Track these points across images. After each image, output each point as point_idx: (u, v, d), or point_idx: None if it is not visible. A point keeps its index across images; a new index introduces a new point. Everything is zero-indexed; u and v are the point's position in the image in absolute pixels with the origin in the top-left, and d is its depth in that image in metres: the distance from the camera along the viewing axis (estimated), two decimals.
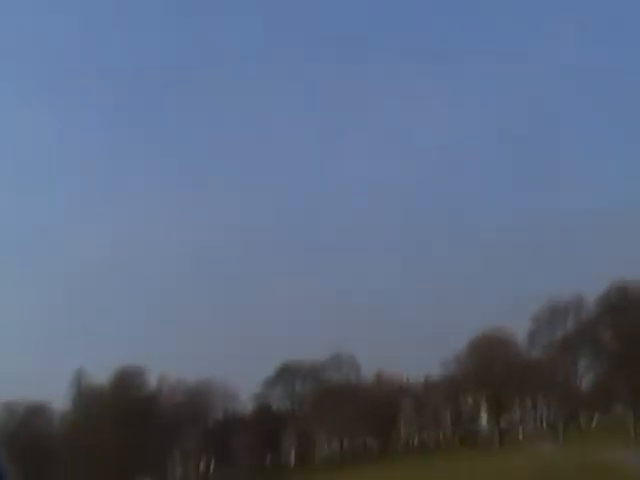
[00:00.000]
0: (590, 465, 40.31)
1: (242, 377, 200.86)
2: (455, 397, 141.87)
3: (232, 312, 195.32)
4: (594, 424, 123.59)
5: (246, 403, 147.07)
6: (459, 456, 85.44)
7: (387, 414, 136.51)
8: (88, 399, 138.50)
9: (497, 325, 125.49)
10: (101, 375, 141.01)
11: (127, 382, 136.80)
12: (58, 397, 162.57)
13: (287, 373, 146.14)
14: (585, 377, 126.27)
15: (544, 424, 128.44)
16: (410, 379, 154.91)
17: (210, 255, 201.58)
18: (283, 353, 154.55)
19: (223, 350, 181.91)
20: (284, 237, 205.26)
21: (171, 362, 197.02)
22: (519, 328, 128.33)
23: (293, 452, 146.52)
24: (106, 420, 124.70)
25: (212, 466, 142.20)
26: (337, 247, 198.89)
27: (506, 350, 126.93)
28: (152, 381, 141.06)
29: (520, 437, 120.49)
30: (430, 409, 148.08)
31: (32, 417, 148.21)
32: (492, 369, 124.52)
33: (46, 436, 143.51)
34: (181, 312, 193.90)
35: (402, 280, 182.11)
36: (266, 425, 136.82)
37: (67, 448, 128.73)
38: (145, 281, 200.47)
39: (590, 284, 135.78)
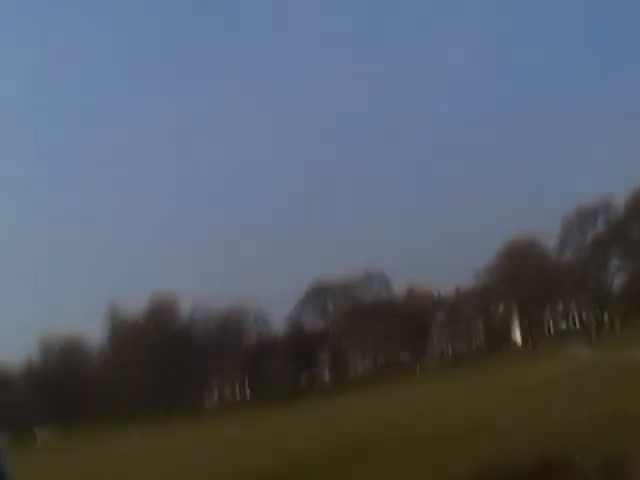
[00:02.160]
0: (625, 366, 39.76)
1: (274, 300, 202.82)
2: (487, 306, 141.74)
3: (262, 235, 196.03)
4: (627, 324, 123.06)
5: (279, 325, 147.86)
6: (493, 365, 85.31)
7: (419, 328, 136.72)
8: (123, 331, 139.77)
9: (527, 232, 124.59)
10: (135, 306, 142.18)
11: (160, 312, 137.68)
12: (93, 331, 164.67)
13: (318, 293, 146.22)
14: (617, 277, 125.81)
15: (577, 327, 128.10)
16: (441, 293, 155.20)
17: (241, 176, 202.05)
18: (314, 273, 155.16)
19: (255, 274, 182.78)
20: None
21: (204, 289, 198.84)
22: (549, 234, 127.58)
23: (327, 371, 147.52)
24: (141, 351, 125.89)
25: (248, 389, 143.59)
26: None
27: (537, 256, 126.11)
28: (185, 309, 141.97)
29: (553, 342, 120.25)
30: (462, 320, 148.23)
31: (68, 352, 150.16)
32: (523, 276, 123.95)
33: (83, 370, 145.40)
34: (212, 236, 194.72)
35: (433, 188, 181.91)
36: (300, 346, 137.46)
37: (104, 380, 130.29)
38: (172, 207, 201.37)
39: (619, 186, 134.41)
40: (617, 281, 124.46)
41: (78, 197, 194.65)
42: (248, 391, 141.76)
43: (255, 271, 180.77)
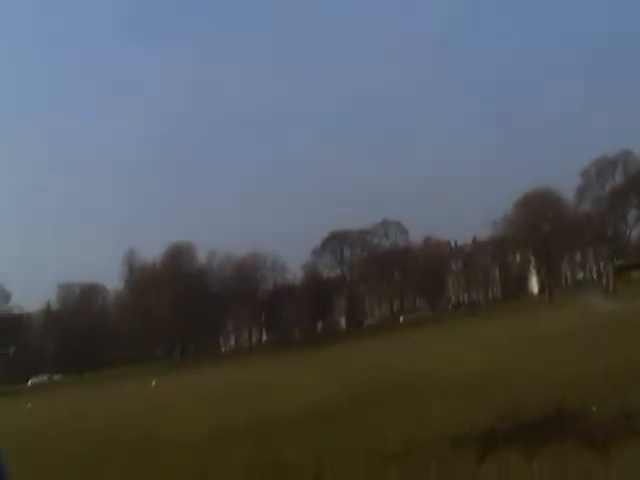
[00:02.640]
0: None
1: (291, 248, 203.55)
2: (504, 256, 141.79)
3: (280, 183, 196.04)
4: None
5: (295, 273, 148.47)
6: (509, 314, 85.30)
7: (436, 276, 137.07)
8: (140, 277, 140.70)
9: (545, 183, 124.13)
10: (152, 253, 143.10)
11: (178, 258, 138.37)
12: (111, 277, 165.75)
13: (335, 241, 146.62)
14: (635, 228, 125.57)
15: (594, 278, 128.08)
16: (458, 242, 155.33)
17: (254, 125, 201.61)
18: (331, 223, 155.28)
19: (271, 223, 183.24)
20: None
21: (220, 237, 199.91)
22: (568, 185, 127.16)
23: (344, 318, 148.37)
24: (159, 296, 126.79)
25: (264, 335, 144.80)
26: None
27: (555, 206, 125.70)
28: (202, 256, 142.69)
29: (570, 292, 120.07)
30: (479, 269, 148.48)
31: (87, 297, 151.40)
32: (541, 226, 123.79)
33: (101, 314, 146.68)
34: (228, 185, 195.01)
35: (449, 138, 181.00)
36: (316, 293, 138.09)
37: (122, 325, 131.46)
38: (189, 153, 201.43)
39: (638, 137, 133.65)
40: (635, 232, 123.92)
41: (97, 143, 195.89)
42: (264, 337, 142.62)
43: (272, 219, 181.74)
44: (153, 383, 63.33)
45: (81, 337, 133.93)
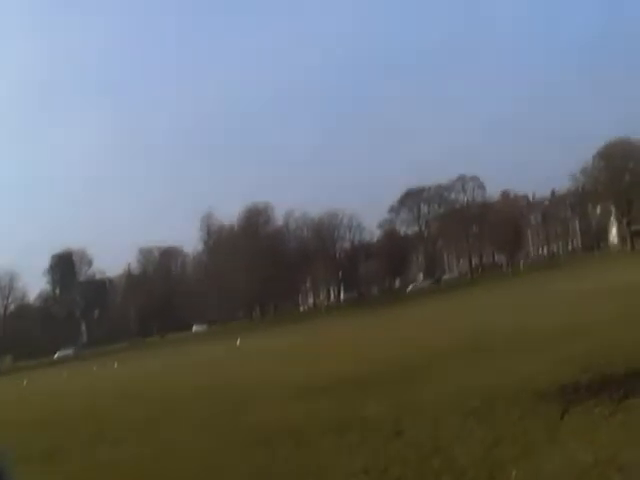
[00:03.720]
0: None
1: (368, 206, 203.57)
2: (583, 208, 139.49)
3: (355, 142, 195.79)
4: None
5: (373, 231, 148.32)
6: (590, 266, 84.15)
7: (514, 230, 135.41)
8: (218, 238, 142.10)
9: (625, 134, 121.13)
10: (229, 215, 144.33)
11: (255, 219, 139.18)
12: (190, 240, 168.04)
13: (412, 198, 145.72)
14: None
15: None
16: (536, 195, 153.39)
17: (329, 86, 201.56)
18: (407, 180, 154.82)
19: (348, 181, 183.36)
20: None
21: (296, 197, 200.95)
22: None
23: (422, 274, 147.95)
24: (236, 257, 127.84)
25: (342, 293, 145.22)
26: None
27: (636, 157, 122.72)
28: (279, 217, 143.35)
29: None
30: (558, 222, 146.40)
31: (167, 260, 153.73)
32: (621, 177, 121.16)
33: (181, 276, 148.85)
34: (305, 143, 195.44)
35: (529, 91, 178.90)
36: (394, 250, 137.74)
37: (201, 287, 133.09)
38: (263, 116, 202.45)
39: None
40: None
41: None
42: (343, 296, 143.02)
43: (349, 177, 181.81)
44: (238, 342, 64.11)
45: (162, 300, 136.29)
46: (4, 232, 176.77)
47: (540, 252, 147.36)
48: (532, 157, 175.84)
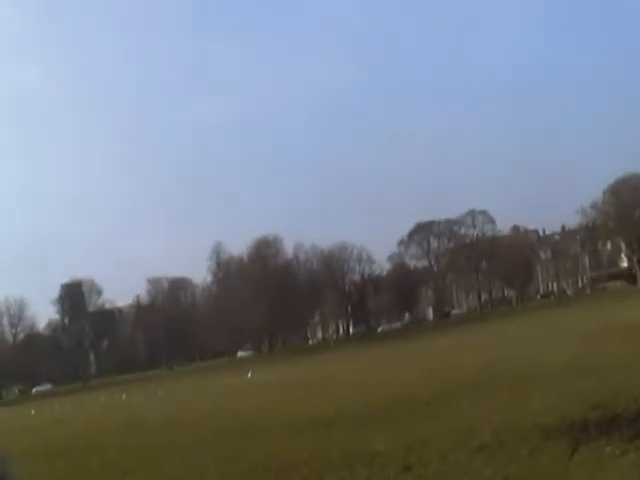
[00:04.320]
0: None
1: (377, 240, 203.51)
2: (594, 244, 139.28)
3: (363, 178, 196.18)
4: None
5: (382, 264, 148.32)
6: (599, 302, 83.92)
7: (524, 265, 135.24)
8: (227, 269, 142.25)
9: (634, 171, 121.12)
10: (239, 247, 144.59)
11: (264, 251, 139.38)
12: (199, 271, 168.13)
13: (421, 231, 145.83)
14: None
15: None
16: (546, 231, 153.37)
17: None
18: (416, 214, 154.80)
19: (357, 215, 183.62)
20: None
21: (306, 230, 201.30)
22: None
23: (431, 309, 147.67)
24: (246, 289, 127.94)
25: (351, 327, 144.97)
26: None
27: None
28: (288, 249, 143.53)
29: None
30: (568, 257, 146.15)
31: (176, 290, 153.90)
32: (632, 212, 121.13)
33: (190, 307, 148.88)
34: (312, 181, 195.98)
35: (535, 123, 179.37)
36: (403, 284, 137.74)
37: (210, 318, 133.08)
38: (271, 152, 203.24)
39: None
40: None
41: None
42: (352, 329, 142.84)
43: (357, 211, 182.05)
44: (249, 374, 63.92)
45: (170, 331, 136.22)
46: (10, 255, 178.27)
47: (549, 288, 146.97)
48: (542, 191, 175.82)
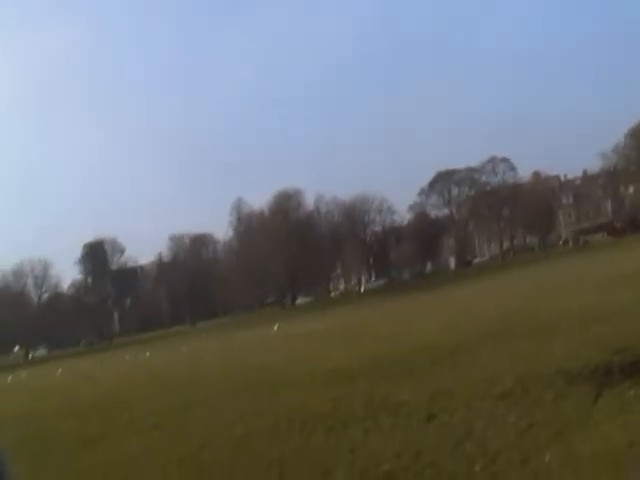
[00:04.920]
0: None
1: (398, 190, 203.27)
2: (616, 188, 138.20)
3: (387, 127, 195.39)
4: None
5: (403, 215, 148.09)
6: (623, 247, 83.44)
7: (546, 211, 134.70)
8: (248, 224, 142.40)
9: None
10: (259, 201, 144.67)
11: (285, 204, 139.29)
12: (220, 227, 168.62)
13: (442, 180, 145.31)
14: None
15: None
16: (567, 176, 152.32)
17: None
18: (438, 162, 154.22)
19: (378, 164, 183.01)
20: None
21: (327, 182, 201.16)
22: None
23: (453, 258, 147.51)
24: (267, 243, 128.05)
25: (373, 277, 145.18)
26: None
27: None
28: (309, 202, 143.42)
29: None
30: (590, 202, 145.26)
31: (198, 246, 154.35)
32: None
33: (212, 262, 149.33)
34: (333, 127, 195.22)
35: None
36: (424, 233, 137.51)
37: (232, 273, 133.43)
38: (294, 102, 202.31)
39: None
40: None
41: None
42: (373, 279, 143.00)
43: (379, 160, 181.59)
44: (275, 328, 64.18)
45: (193, 287, 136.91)
46: (35, 219, 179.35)
47: (572, 234, 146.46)
48: (563, 137, 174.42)
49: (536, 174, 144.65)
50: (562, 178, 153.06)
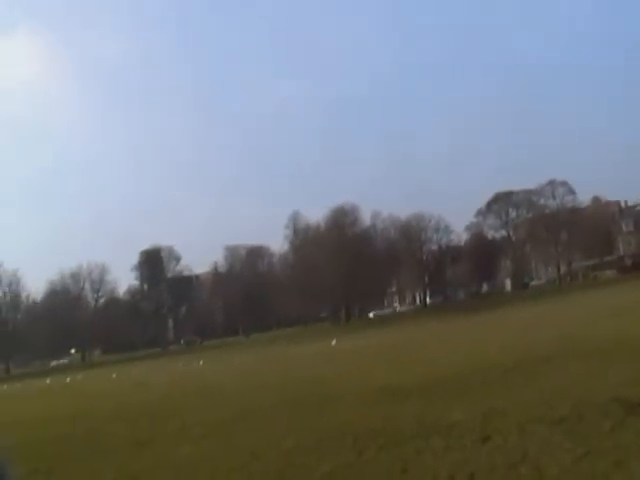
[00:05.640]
0: None
1: (456, 210, 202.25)
2: None
3: (441, 144, 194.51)
4: None
5: (460, 235, 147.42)
6: None
7: (605, 236, 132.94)
8: (304, 238, 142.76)
9: None
10: (316, 215, 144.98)
11: (342, 220, 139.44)
12: (276, 240, 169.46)
13: (500, 202, 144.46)
14: None
15: None
16: (629, 202, 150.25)
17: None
18: (495, 185, 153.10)
19: (434, 186, 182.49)
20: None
21: (384, 200, 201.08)
22: None
23: (509, 279, 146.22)
24: (323, 257, 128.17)
25: (428, 296, 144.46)
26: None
27: None
28: (366, 218, 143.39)
29: None
30: None
31: (253, 258, 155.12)
32: None
33: (267, 274, 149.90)
34: (392, 151, 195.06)
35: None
36: (481, 254, 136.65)
37: (287, 285, 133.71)
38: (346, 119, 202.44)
39: None
40: None
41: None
42: (428, 299, 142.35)
43: (437, 180, 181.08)
44: (333, 342, 64.12)
45: (248, 298, 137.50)
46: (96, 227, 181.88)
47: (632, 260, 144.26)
48: (626, 161, 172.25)
49: (596, 199, 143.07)
50: (622, 204, 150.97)
